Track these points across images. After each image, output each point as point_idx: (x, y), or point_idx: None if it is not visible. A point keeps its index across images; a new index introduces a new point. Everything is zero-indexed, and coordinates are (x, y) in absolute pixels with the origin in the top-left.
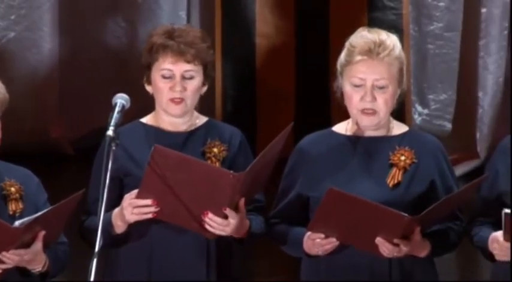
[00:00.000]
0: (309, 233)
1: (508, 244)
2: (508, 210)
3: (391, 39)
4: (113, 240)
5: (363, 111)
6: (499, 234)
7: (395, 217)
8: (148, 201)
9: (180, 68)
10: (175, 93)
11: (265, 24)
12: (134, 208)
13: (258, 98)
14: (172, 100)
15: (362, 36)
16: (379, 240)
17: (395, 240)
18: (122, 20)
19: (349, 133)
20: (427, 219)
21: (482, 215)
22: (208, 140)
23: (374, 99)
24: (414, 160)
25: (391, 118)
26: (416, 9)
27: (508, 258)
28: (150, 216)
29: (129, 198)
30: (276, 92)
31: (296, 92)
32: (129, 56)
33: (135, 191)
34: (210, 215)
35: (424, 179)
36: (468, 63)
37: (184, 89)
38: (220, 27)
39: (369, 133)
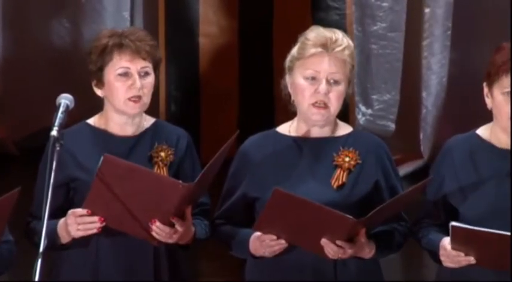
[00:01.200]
0: (258, 233)
1: (455, 253)
2: (454, 223)
3: (346, 39)
4: (57, 248)
5: (315, 105)
6: (447, 243)
7: (340, 219)
8: (95, 218)
9: (137, 65)
10: (134, 91)
11: (208, 24)
12: (79, 224)
13: (201, 98)
14: (130, 99)
15: (318, 32)
16: (324, 241)
17: (339, 243)
18: (66, 20)
19: (293, 134)
20: (373, 220)
21: (429, 217)
22: (156, 143)
23: (328, 92)
24: (358, 161)
25: (336, 119)
26: (359, 9)
27: (454, 265)
28: (95, 231)
29: (74, 215)
30: (220, 92)
31: (240, 92)
32: (73, 56)
33: (80, 210)
34: (158, 223)
35: (368, 180)
36: (412, 63)
37: (142, 86)
38: (164, 27)
39: (313, 134)
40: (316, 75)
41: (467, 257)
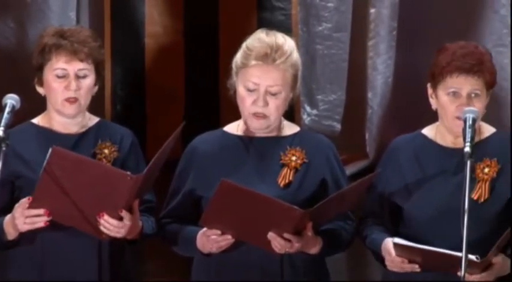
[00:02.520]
0: (204, 229)
1: (399, 259)
2: (397, 241)
3: (288, 45)
4: (4, 245)
5: (254, 115)
6: (391, 247)
7: (287, 210)
8: (41, 211)
9: (74, 66)
10: (70, 92)
11: (154, 24)
12: (26, 218)
13: (147, 98)
14: (67, 100)
15: (259, 40)
16: (271, 235)
17: (287, 236)
18: (11, 21)
19: (240, 133)
20: (319, 214)
21: (373, 216)
22: (99, 141)
23: (266, 104)
24: (305, 160)
25: (283, 118)
26: (304, 9)
27: (398, 270)
28: (42, 225)
29: (21, 207)
30: (166, 92)
31: (185, 92)
32: (18, 56)
33: (25, 200)
34: (106, 216)
35: (315, 179)
36: (357, 63)
37: (79, 88)
38: (110, 28)
39: (260, 133)
40: (255, 88)
41: (412, 265)
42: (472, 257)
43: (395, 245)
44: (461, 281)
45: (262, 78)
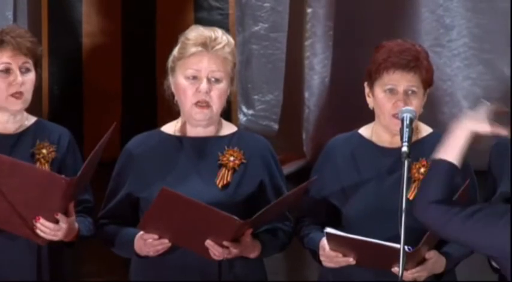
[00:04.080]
0: (141, 232)
1: (333, 253)
2: (329, 230)
3: (226, 36)
4: None
5: (197, 104)
6: (326, 243)
7: (227, 220)
8: None
9: (18, 60)
10: (16, 86)
11: (91, 24)
12: None
13: (84, 97)
14: (12, 95)
15: (197, 31)
16: (208, 243)
17: (225, 243)
18: None
19: (177, 133)
20: (259, 221)
21: (310, 216)
22: (37, 141)
23: (209, 90)
24: (243, 160)
25: (221, 118)
26: (241, 10)
27: (334, 266)
28: None
29: None
30: (103, 91)
31: (123, 92)
32: None
33: None
34: (42, 220)
35: (253, 179)
36: (294, 63)
37: (24, 82)
38: (47, 27)
39: (198, 133)
40: (197, 74)
41: (346, 258)
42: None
43: (328, 234)
44: (399, 280)
45: (203, 63)
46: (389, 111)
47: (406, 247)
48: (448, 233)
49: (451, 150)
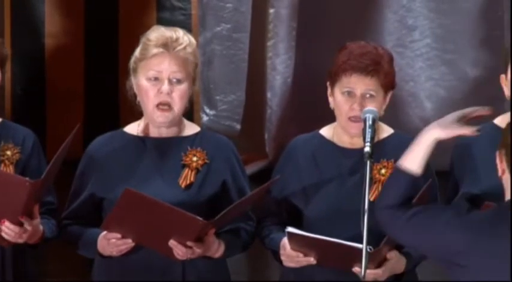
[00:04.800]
0: (104, 232)
1: (294, 253)
2: (290, 229)
3: (188, 37)
4: None
5: (159, 107)
6: (286, 243)
7: (190, 220)
8: None
9: None
10: None
11: (54, 24)
12: None
13: (47, 98)
14: None
15: (158, 32)
16: (172, 242)
17: (189, 243)
18: None
19: (140, 134)
20: (222, 221)
21: (272, 216)
22: (1, 143)
23: (171, 91)
24: (206, 160)
25: (183, 118)
26: (204, 10)
27: (295, 265)
28: None
29: None
30: (66, 91)
31: (85, 93)
32: None
33: None
34: (7, 223)
35: (216, 180)
36: (257, 64)
37: None
38: (10, 27)
39: (161, 133)
40: (159, 76)
41: (307, 258)
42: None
43: (289, 233)
44: (361, 280)
45: (164, 64)
46: (346, 113)
47: (367, 247)
48: (397, 237)
49: (415, 158)
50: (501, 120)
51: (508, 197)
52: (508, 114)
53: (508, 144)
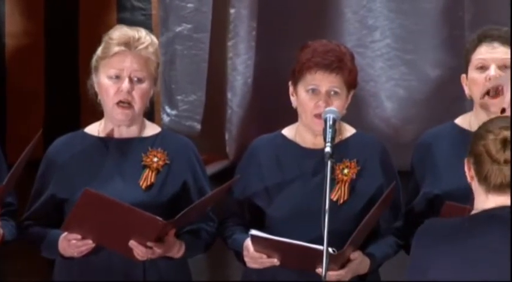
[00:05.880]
0: (65, 233)
1: (257, 255)
2: (253, 232)
3: (150, 36)
4: None
5: (119, 104)
6: (250, 244)
7: (150, 221)
8: None
9: None
10: None
11: (14, 24)
12: None
13: (7, 98)
14: None
15: (121, 30)
16: (132, 243)
17: (149, 244)
18: None
19: (101, 134)
20: (182, 221)
21: (234, 216)
22: None
23: (131, 89)
24: (167, 161)
25: (144, 119)
26: (165, 10)
27: (257, 266)
28: None
29: None
30: (26, 92)
31: (46, 93)
32: None
33: None
34: None
35: (176, 180)
36: (217, 64)
37: None
38: None
39: (121, 134)
40: (120, 74)
41: (270, 259)
42: (328, 249)
43: (253, 236)
44: (322, 280)
45: (126, 63)
46: (311, 111)
47: (330, 249)
48: None
49: None
50: (461, 120)
51: (476, 205)
52: (469, 115)
53: (477, 153)
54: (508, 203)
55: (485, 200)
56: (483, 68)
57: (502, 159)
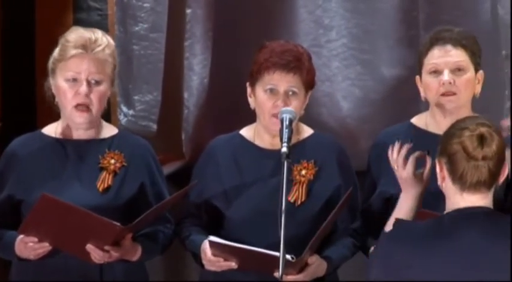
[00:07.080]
0: (21, 236)
1: (215, 258)
2: (211, 238)
3: (106, 38)
4: None
5: (77, 107)
6: (207, 247)
7: (107, 226)
8: None
9: None
10: None
11: None
12: None
13: None
14: None
15: (77, 33)
16: (89, 247)
17: (106, 247)
18: None
19: (58, 135)
20: (139, 225)
21: (192, 217)
22: None
23: (89, 92)
24: (124, 163)
25: (101, 120)
26: (121, 10)
27: (215, 269)
28: None
29: None
30: None
31: (1, 94)
32: None
33: None
34: None
35: (134, 182)
36: (173, 64)
37: None
38: None
39: (79, 135)
40: (77, 77)
41: (228, 263)
42: (287, 256)
43: (211, 242)
44: (279, 281)
45: (83, 65)
46: (270, 111)
47: (289, 256)
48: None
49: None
50: (417, 120)
51: (449, 205)
52: (425, 114)
53: (451, 152)
54: (482, 201)
55: (460, 200)
56: (436, 72)
57: (480, 155)
